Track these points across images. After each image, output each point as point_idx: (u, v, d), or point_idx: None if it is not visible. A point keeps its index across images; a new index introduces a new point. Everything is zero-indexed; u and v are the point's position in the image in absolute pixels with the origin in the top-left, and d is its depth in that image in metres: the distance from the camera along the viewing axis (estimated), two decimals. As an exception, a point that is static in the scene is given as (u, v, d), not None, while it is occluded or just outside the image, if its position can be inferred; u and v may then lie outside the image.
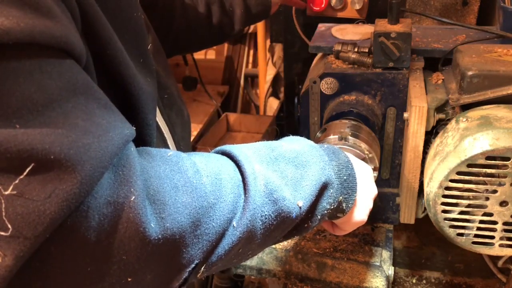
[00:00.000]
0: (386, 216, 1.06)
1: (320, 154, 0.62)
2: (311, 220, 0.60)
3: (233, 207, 0.52)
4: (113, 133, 0.43)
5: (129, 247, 0.44)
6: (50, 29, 0.39)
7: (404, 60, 0.90)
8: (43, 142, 0.38)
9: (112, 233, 0.42)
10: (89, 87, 0.44)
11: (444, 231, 0.82)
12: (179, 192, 0.48)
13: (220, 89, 2.14)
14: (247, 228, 0.53)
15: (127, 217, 0.43)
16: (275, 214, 0.55)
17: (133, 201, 0.43)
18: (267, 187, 0.54)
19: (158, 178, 0.47)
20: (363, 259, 1.02)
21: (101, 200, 0.42)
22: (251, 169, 0.54)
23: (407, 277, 1.17)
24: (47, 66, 0.40)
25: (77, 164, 0.39)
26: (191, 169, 0.50)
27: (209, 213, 0.49)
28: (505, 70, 0.78)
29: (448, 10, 1.20)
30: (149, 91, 0.57)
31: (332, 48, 0.97)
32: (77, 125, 0.40)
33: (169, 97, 0.76)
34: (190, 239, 0.48)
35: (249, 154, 0.57)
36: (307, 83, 0.97)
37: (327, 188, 0.60)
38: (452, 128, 0.81)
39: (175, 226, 0.47)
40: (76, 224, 0.41)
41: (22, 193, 0.38)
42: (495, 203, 0.77)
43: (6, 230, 0.38)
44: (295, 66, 1.58)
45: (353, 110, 0.91)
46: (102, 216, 0.42)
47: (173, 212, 0.47)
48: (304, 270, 1.02)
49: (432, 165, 0.81)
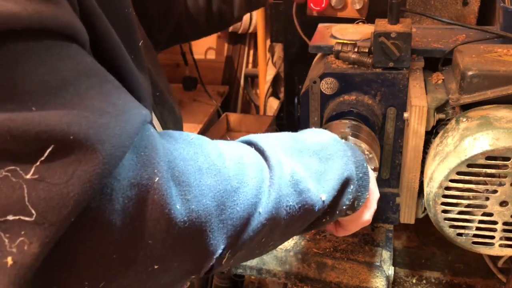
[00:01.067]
0: (386, 216, 1.06)
1: (344, 149, 0.62)
2: (329, 214, 0.61)
3: (257, 192, 0.51)
4: (130, 113, 0.43)
5: (154, 230, 0.42)
6: (56, 15, 0.39)
7: (404, 60, 0.90)
8: (61, 123, 0.37)
9: (137, 216, 0.42)
10: (100, 69, 0.44)
11: (444, 231, 0.82)
12: (203, 175, 0.47)
13: (220, 89, 2.14)
14: (272, 216, 0.52)
15: (152, 199, 0.42)
16: (299, 205, 0.55)
17: (157, 182, 0.42)
18: (293, 178, 0.54)
19: (182, 160, 0.46)
20: (363, 259, 1.02)
21: (124, 182, 0.41)
22: (277, 159, 0.54)
23: (407, 277, 1.17)
24: (56, 49, 0.39)
25: (97, 143, 0.39)
26: (214, 152, 0.50)
27: (233, 197, 0.49)
28: (505, 70, 0.78)
29: (448, 10, 1.20)
30: (145, 86, 0.57)
31: (332, 48, 0.97)
32: (93, 106, 0.40)
33: (161, 94, 0.76)
34: (216, 224, 0.47)
35: (274, 144, 0.57)
36: (307, 83, 0.97)
37: (349, 184, 0.61)
38: (452, 128, 0.81)
39: (201, 209, 0.46)
40: (101, 208, 0.40)
41: (43, 176, 0.37)
42: (495, 203, 0.77)
43: (30, 216, 0.36)
44: (295, 66, 1.58)
45: (353, 110, 0.91)
46: (127, 198, 0.41)
47: (198, 194, 0.46)
48: (304, 270, 1.02)
49: (432, 165, 0.81)
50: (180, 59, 1.97)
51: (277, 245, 0.60)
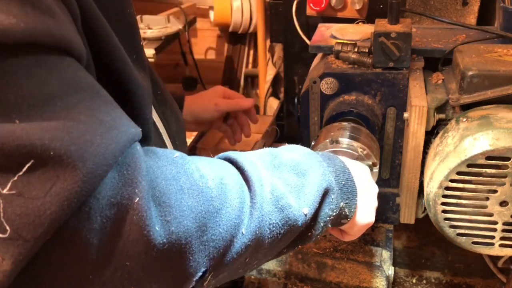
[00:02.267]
0: (386, 216, 1.06)
1: (318, 161, 0.61)
2: (314, 228, 0.60)
3: (239, 212, 0.50)
4: (118, 130, 0.42)
5: (132, 251, 0.42)
6: (50, 28, 0.38)
7: (404, 60, 0.90)
8: (42, 137, 0.37)
9: (115, 236, 0.41)
10: (92, 84, 0.43)
11: (444, 231, 0.82)
12: (185, 195, 0.46)
13: (220, 89, 2.14)
14: (255, 236, 0.51)
15: (131, 219, 0.41)
16: (282, 222, 0.54)
17: (137, 202, 0.41)
18: (273, 194, 0.54)
19: (164, 179, 0.45)
20: (363, 259, 1.02)
21: (104, 201, 0.40)
22: (258, 176, 0.53)
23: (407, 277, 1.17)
24: (46, 63, 0.39)
25: (78, 160, 0.38)
26: (197, 172, 0.49)
27: (215, 218, 0.48)
28: (505, 70, 0.78)
29: (448, 10, 1.20)
30: (145, 86, 0.57)
31: (332, 48, 0.97)
32: (79, 121, 0.39)
33: (162, 93, 0.76)
34: (197, 245, 0.46)
35: (254, 160, 0.56)
36: (307, 83, 0.97)
37: (329, 193, 0.60)
38: (452, 128, 0.81)
39: (181, 230, 0.45)
40: (78, 226, 0.39)
41: (21, 192, 0.36)
42: (495, 203, 0.77)
43: (4, 232, 0.36)
44: (295, 66, 1.58)
45: (353, 110, 0.91)
46: (105, 218, 0.40)
47: (178, 215, 0.45)
48: (304, 270, 1.02)
49: (432, 165, 0.81)
50: (180, 59, 1.96)
51: (262, 263, 0.59)
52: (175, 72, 2.16)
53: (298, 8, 1.37)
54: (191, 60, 1.91)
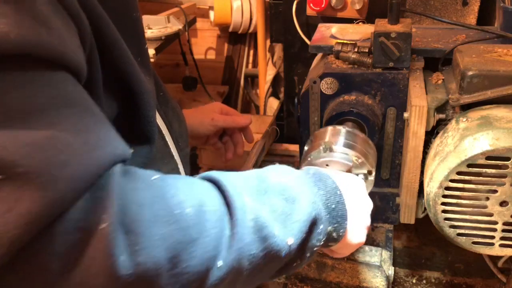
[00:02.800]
0: (386, 216, 1.06)
1: (309, 186, 0.58)
2: (300, 258, 0.56)
3: (216, 243, 0.47)
4: (101, 151, 0.40)
5: (94, 282, 0.39)
6: (43, 41, 0.37)
7: (404, 60, 0.90)
8: (14, 152, 0.34)
9: (77, 264, 0.38)
10: (83, 100, 0.41)
11: (444, 231, 0.82)
12: (157, 223, 0.43)
13: (220, 89, 2.14)
14: (233, 268, 0.48)
15: (94, 247, 0.38)
16: (263, 252, 0.50)
17: (104, 229, 0.38)
18: (257, 223, 0.50)
19: (137, 205, 0.42)
20: (363, 259, 1.02)
21: (69, 224, 0.37)
22: (241, 202, 0.50)
23: (407, 277, 1.17)
24: (34, 76, 0.37)
25: (49, 182, 0.36)
26: (175, 198, 0.46)
27: (190, 248, 0.44)
28: (505, 70, 0.78)
29: (448, 10, 1.20)
30: (150, 89, 0.57)
31: (332, 48, 0.97)
32: (59, 139, 0.37)
33: (164, 94, 0.76)
34: (167, 278, 0.43)
35: (238, 184, 0.52)
36: (307, 83, 0.97)
37: (317, 224, 0.56)
38: (452, 128, 0.81)
39: (150, 261, 0.41)
40: (39, 249, 0.36)
41: None
42: (495, 203, 0.77)
43: None
44: (295, 66, 1.58)
45: (353, 110, 0.91)
46: (69, 242, 0.37)
47: (148, 245, 0.41)
48: (304, 270, 1.02)
49: (432, 165, 0.81)
50: (180, 59, 1.96)
51: None
52: (175, 72, 2.16)
53: (298, 8, 1.37)
54: (191, 60, 1.91)
